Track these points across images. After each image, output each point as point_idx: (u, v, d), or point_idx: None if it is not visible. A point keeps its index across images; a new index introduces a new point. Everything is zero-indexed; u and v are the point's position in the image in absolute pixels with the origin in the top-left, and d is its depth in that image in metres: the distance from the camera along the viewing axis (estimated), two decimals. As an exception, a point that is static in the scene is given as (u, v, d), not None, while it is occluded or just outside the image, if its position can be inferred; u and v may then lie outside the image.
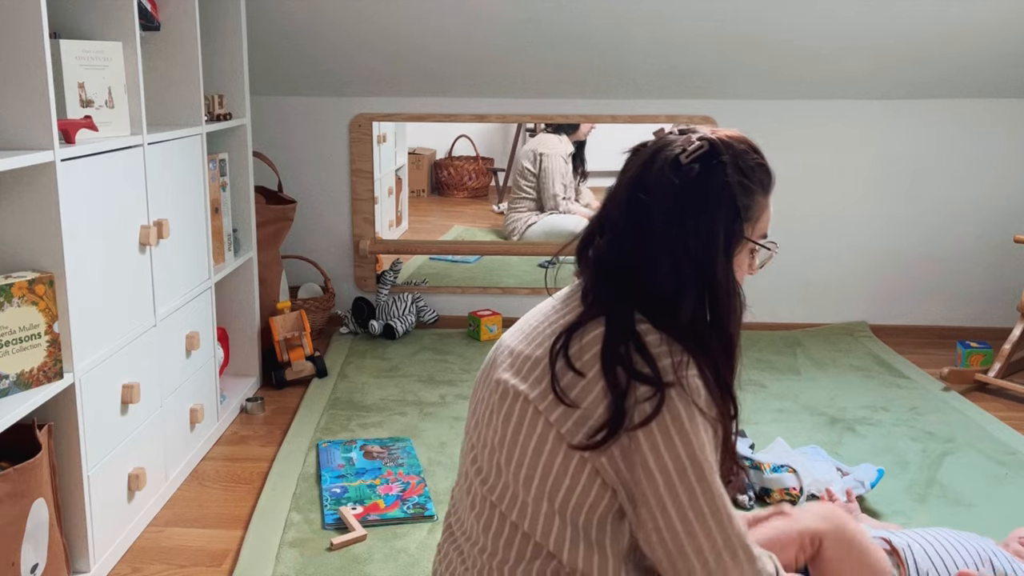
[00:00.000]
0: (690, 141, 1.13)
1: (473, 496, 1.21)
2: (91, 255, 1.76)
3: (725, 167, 1.11)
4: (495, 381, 1.19)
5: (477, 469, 1.21)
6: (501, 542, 1.16)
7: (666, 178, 1.11)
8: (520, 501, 1.13)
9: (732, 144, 1.14)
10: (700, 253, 1.10)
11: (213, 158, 2.52)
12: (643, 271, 1.11)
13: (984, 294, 3.56)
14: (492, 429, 1.17)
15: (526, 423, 1.12)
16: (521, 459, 1.12)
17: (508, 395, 1.15)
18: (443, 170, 6.31)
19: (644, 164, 1.15)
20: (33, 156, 1.54)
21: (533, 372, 1.14)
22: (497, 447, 1.16)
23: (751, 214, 1.14)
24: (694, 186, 1.11)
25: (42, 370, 1.62)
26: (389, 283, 3.46)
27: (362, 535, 1.94)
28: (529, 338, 1.19)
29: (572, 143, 4.80)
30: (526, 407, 1.12)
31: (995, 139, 3.43)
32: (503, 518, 1.16)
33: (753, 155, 1.16)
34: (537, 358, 1.14)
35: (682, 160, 1.11)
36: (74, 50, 1.81)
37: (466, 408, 2.70)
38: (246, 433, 2.56)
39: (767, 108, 3.41)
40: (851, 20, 2.96)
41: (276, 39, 3.09)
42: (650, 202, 1.11)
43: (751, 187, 1.14)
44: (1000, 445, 2.47)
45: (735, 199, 1.12)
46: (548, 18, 2.97)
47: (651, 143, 1.17)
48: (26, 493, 1.55)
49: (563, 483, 1.10)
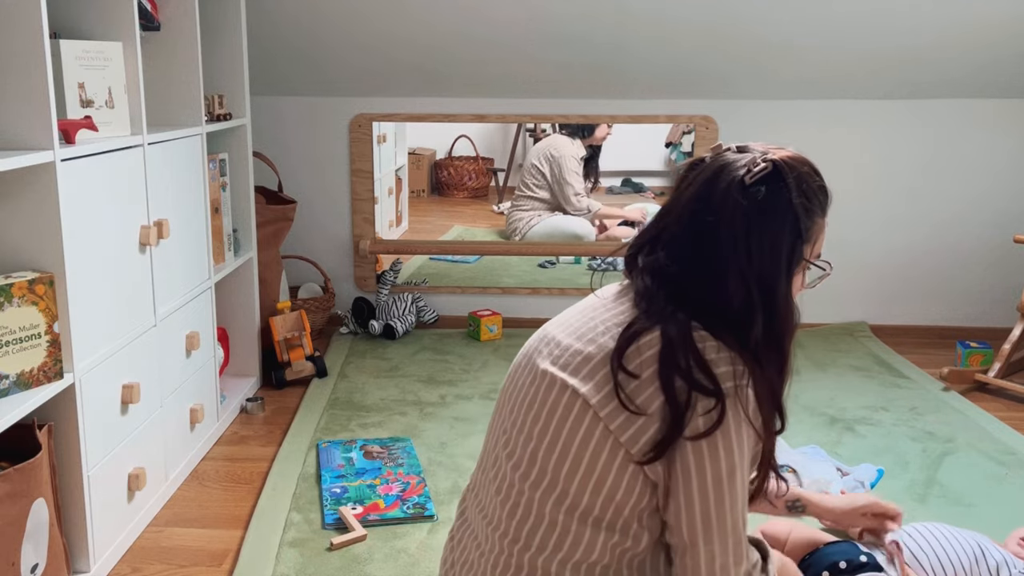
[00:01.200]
0: (755, 162, 1.15)
1: (501, 480, 1.22)
2: (91, 255, 1.76)
3: (790, 190, 1.14)
4: (540, 371, 1.20)
5: (509, 454, 1.21)
6: (525, 529, 1.17)
7: (732, 199, 1.13)
8: (559, 490, 1.15)
9: (795, 166, 1.16)
10: (764, 273, 1.13)
11: (213, 158, 2.52)
12: (708, 289, 1.14)
13: (984, 294, 3.56)
14: (533, 418, 1.18)
15: (573, 418, 1.14)
16: (565, 453, 1.14)
17: (554, 387, 1.16)
18: (443, 170, 6.31)
19: (707, 183, 1.16)
20: (33, 156, 1.54)
21: (585, 368, 1.15)
22: (537, 437, 1.17)
23: (810, 235, 1.18)
24: (760, 208, 1.13)
25: (42, 370, 1.62)
26: (389, 283, 3.46)
27: (362, 535, 1.94)
28: (578, 333, 1.20)
29: (586, 147, 4.76)
30: (582, 407, 1.13)
31: (995, 139, 3.43)
32: (530, 504, 1.17)
33: (815, 177, 1.19)
34: (589, 355, 1.15)
35: (747, 181, 1.13)
36: (74, 50, 1.81)
37: (466, 408, 2.71)
38: (246, 433, 2.56)
39: (767, 108, 3.41)
40: (851, 20, 2.96)
41: (276, 39, 3.09)
42: (716, 222, 1.13)
43: (812, 209, 1.17)
44: (1000, 445, 2.47)
45: (798, 221, 1.15)
46: (548, 18, 2.97)
47: (710, 160, 1.19)
48: (26, 493, 1.55)
49: (607, 481, 1.12)
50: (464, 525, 1.30)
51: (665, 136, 6.20)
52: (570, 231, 4.52)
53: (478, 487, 1.29)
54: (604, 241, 4.50)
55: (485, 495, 1.26)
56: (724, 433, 1.08)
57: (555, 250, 4.22)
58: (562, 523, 1.15)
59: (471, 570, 1.24)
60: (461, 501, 1.35)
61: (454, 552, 1.30)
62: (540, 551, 1.16)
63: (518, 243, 4.48)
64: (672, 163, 6.34)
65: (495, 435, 1.28)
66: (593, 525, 1.14)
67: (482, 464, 1.30)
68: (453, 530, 1.34)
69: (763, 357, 1.12)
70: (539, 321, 3.56)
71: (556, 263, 4.30)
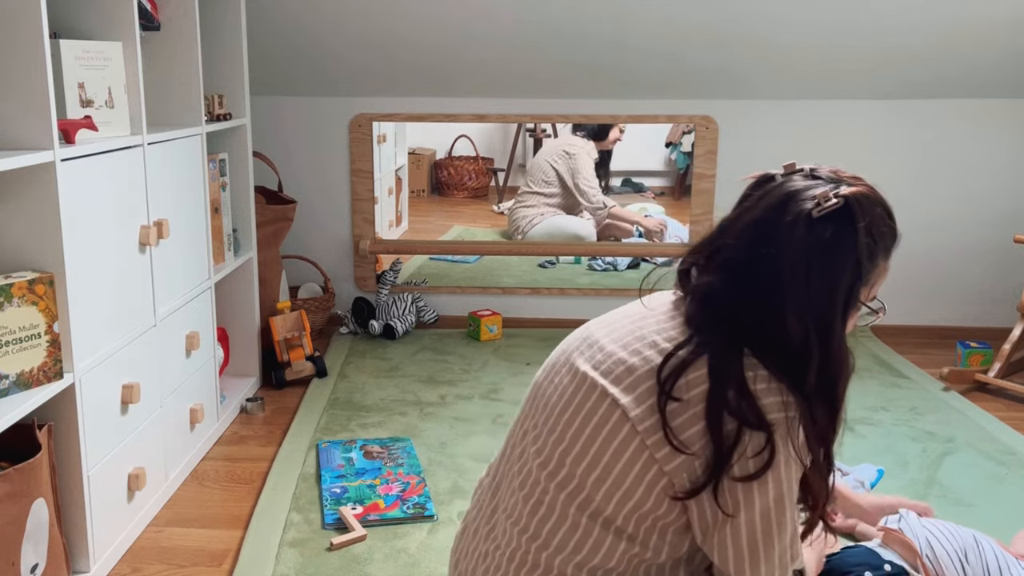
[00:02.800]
0: (826, 196, 1.08)
1: (526, 476, 1.20)
2: (91, 255, 1.76)
3: (858, 232, 1.09)
4: (580, 374, 1.17)
5: (537, 451, 1.19)
6: (547, 527, 1.16)
7: (798, 233, 1.07)
8: (585, 495, 1.13)
9: (868, 206, 1.11)
10: (820, 313, 1.08)
11: (213, 158, 2.52)
12: (763, 322, 1.09)
13: (984, 294, 3.55)
14: (567, 421, 1.16)
15: (610, 427, 1.11)
16: (596, 460, 1.12)
17: (594, 393, 1.14)
18: (443, 170, 6.31)
19: (773, 210, 1.10)
20: (33, 156, 1.54)
21: (628, 379, 1.12)
22: (569, 440, 1.15)
23: (870, 278, 1.14)
24: (825, 247, 1.08)
25: (42, 370, 1.62)
26: (389, 283, 3.46)
27: (362, 535, 1.94)
28: (623, 341, 1.16)
29: (598, 150, 4.75)
30: (620, 418, 1.11)
31: (995, 139, 3.43)
32: (554, 504, 1.16)
33: (887, 220, 1.15)
34: (632, 367, 1.12)
35: (815, 215, 1.07)
36: (74, 50, 1.81)
37: (466, 408, 2.71)
38: (246, 433, 2.56)
39: (767, 108, 3.41)
40: (851, 20, 2.96)
41: (276, 39, 3.09)
42: (776, 254, 1.08)
43: (877, 252, 1.13)
44: (1000, 445, 2.47)
45: (860, 264, 1.10)
46: (548, 18, 2.97)
47: (779, 183, 1.14)
48: (26, 493, 1.55)
49: (635, 493, 1.10)
50: (480, 515, 1.28)
51: (665, 136, 6.21)
52: (571, 231, 4.52)
53: (500, 479, 1.27)
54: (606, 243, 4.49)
55: (507, 488, 1.24)
56: (773, 468, 1.05)
57: (555, 250, 4.22)
58: (584, 526, 1.13)
59: (485, 560, 1.23)
60: (477, 489, 1.33)
61: (468, 541, 1.29)
62: (558, 551, 1.15)
63: (518, 243, 4.48)
64: (672, 163, 6.34)
65: (523, 429, 1.25)
66: (615, 533, 1.12)
67: (506, 455, 1.28)
68: (467, 519, 1.32)
69: (814, 401, 1.07)
70: (539, 321, 3.59)
71: (556, 263, 4.30)
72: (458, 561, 1.31)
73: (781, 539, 1.08)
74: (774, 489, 1.06)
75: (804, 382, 1.07)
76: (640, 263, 4.19)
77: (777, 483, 1.06)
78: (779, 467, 1.05)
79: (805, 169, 1.16)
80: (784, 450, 1.05)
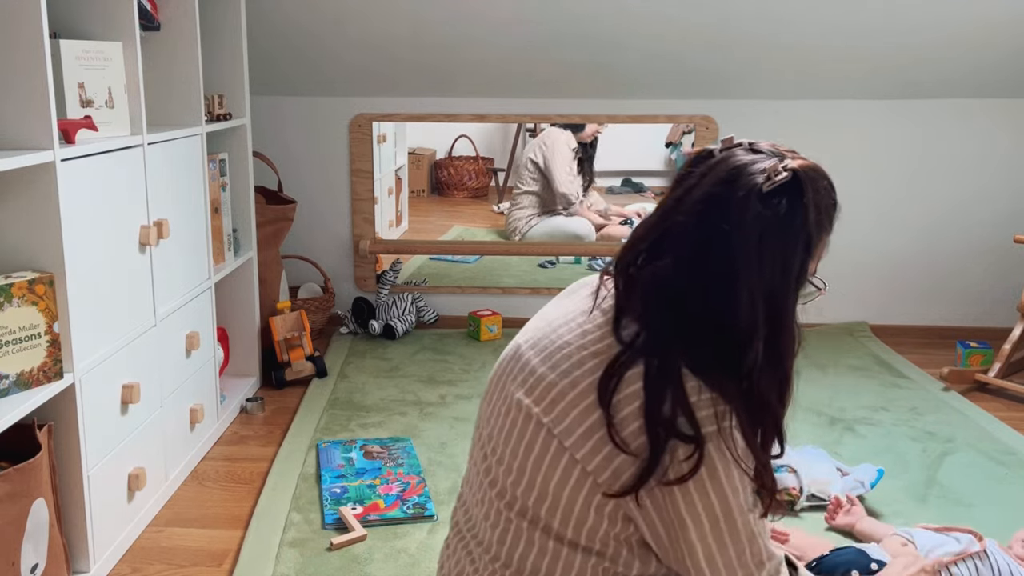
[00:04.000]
0: (776, 170, 1.05)
1: (488, 506, 1.19)
2: (91, 255, 1.76)
3: (807, 205, 1.07)
4: (514, 401, 1.15)
5: (492, 481, 1.18)
6: (516, 555, 1.14)
7: (752, 208, 1.04)
8: (543, 524, 1.11)
9: (815, 179, 1.09)
10: (774, 290, 1.05)
11: (213, 158, 2.52)
12: (713, 303, 1.05)
13: (984, 294, 3.55)
14: (511, 451, 1.14)
15: (549, 456, 1.09)
16: (544, 490, 1.10)
17: (530, 423, 1.12)
18: (443, 170, 6.31)
19: (722, 184, 1.07)
20: (33, 156, 1.54)
21: (560, 403, 1.09)
22: (517, 471, 1.13)
23: (816, 252, 1.12)
24: (778, 222, 1.05)
25: (42, 370, 1.62)
26: (389, 283, 3.46)
27: (362, 535, 1.94)
28: (549, 355, 1.14)
29: (577, 143, 4.76)
30: (557, 448, 1.09)
31: (995, 139, 3.43)
32: (519, 533, 1.14)
33: (831, 192, 1.13)
34: (552, 383, 1.11)
35: (766, 189, 1.05)
36: (74, 50, 1.81)
37: (466, 408, 2.71)
38: (246, 433, 2.56)
39: (767, 108, 3.41)
40: (851, 20, 2.96)
41: (276, 39, 3.09)
42: (730, 230, 1.04)
43: (824, 226, 1.11)
44: (1000, 445, 2.47)
45: (810, 237, 1.08)
46: (548, 18, 2.97)
47: (721, 158, 1.10)
48: (26, 493, 1.55)
49: (588, 519, 1.08)
50: (458, 537, 1.27)
51: (665, 136, 6.21)
52: (570, 231, 4.52)
53: (468, 504, 1.26)
54: (603, 241, 4.49)
55: (476, 513, 1.23)
56: (712, 476, 1.03)
57: (555, 250, 4.22)
58: (552, 549, 1.12)
59: None
60: (453, 513, 1.32)
61: (449, 561, 1.28)
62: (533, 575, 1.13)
63: (518, 243, 4.48)
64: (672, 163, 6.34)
65: (476, 456, 1.24)
66: (583, 552, 1.11)
67: (468, 481, 1.27)
68: (448, 538, 1.31)
69: (762, 381, 1.05)
70: (539, 321, 3.58)
71: (556, 263, 4.30)
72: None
73: (738, 546, 1.06)
74: (719, 501, 1.04)
75: (745, 363, 1.04)
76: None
77: (721, 494, 1.04)
78: (719, 476, 1.03)
79: (744, 143, 1.12)
80: (722, 460, 1.03)
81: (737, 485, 1.05)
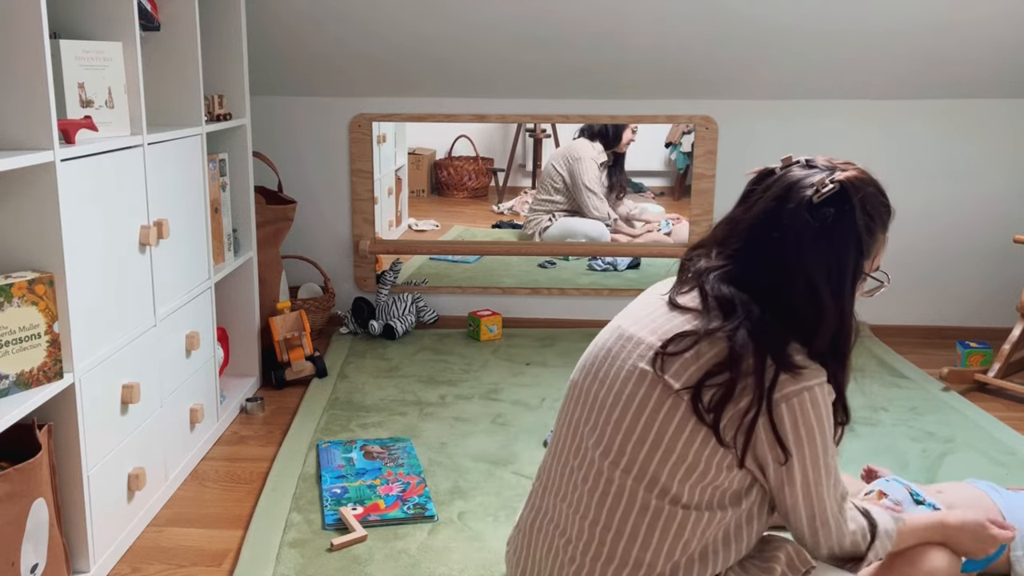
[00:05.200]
0: (823, 183, 1.23)
1: (588, 469, 1.29)
2: (91, 255, 1.76)
3: (855, 211, 1.23)
4: (637, 371, 1.27)
5: (596, 441, 1.29)
6: (617, 514, 1.25)
7: (801, 218, 1.22)
8: (649, 478, 1.24)
9: (861, 186, 1.25)
10: (831, 288, 1.23)
11: (213, 158, 2.52)
12: (778, 301, 1.23)
13: (984, 294, 3.55)
14: (622, 409, 1.27)
15: (666, 412, 1.23)
16: (657, 441, 1.23)
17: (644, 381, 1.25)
18: (443, 170, 6.31)
19: (776, 199, 1.25)
20: (33, 156, 1.54)
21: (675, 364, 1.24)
22: (627, 428, 1.25)
23: (871, 251, 1.28)
24: (827, 229, 1.22)
25: (42, 370, 1.62)
26: (389, 283, 3.46)
27: (362, 536, 1.94)
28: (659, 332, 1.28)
29: (609, 154, 4.72)
30: (676, 401, 1.22)
31: (995, 139, 3.43)
32: (621, 491, 1.25)
33: (880, 197, 1.29)
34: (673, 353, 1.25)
35: (815, 201, 1.22)
36: (74, 50, 1.81)
37: (466, 408, 2.71)
38: (246, 433, 2.56)
39: (767, 108, 3.41)
40: (851, 20, 2.96)
41: (276, 39, 3.09)
42: (781, 239, 1.23)
43: (875, 227, 1.28)
44: (1000, 445, 2.47)
45: (861, 240, 1.25)
46: (548, 18, 2.97)
47: (780, 175, 1.27)
48: (26, 493, 1.55)
49: (699, 464, 1.22)
50: (541, 515, 1.36)
51: (665, 136, 6.21)
52: (582, 233, 4.51)
53: (555, 478, 1.35)
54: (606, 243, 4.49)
55: (566, 485, 1.32)
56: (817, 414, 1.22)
57: (555, 250, 4.22)
58: (654, 506, 1.23)
59: (557, 556, 1.31)
60: (533, 494, 1.41)
61: (531, 539, 1.37)
62: (632, 538, 1.24)
63: (518, 243, 4.49)
64: (672, 163, 6.34)
65: (572, 428, 1.34)
66: (683, 508, 1.22)
67: (557, 454, 1.36)
68: (522, 522, 1.41)
69: (828, 366, 1.25)
70: (539, 321, 3.59)
71: (556, 263, 4.30)
72: (521, 559, 1.39)
73: (830, 478, 1.26)
74: (820, 438, 1.22)
75: (813, 349, 1.23)
76: (639, 263, 4.20)
77: (822, 434, 1.23)
78: (823, 420, 1.22)
79: (801, 160, 1.29)
80: (826, 406, 1.23)
81: (829, 427, 1.25)
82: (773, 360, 1.19)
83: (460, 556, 1.87)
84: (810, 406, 1.21)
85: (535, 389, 2.88)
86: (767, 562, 1.29)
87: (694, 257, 1.32)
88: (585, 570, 1.28)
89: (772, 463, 1.23)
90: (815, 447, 1.23)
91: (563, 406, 1.41)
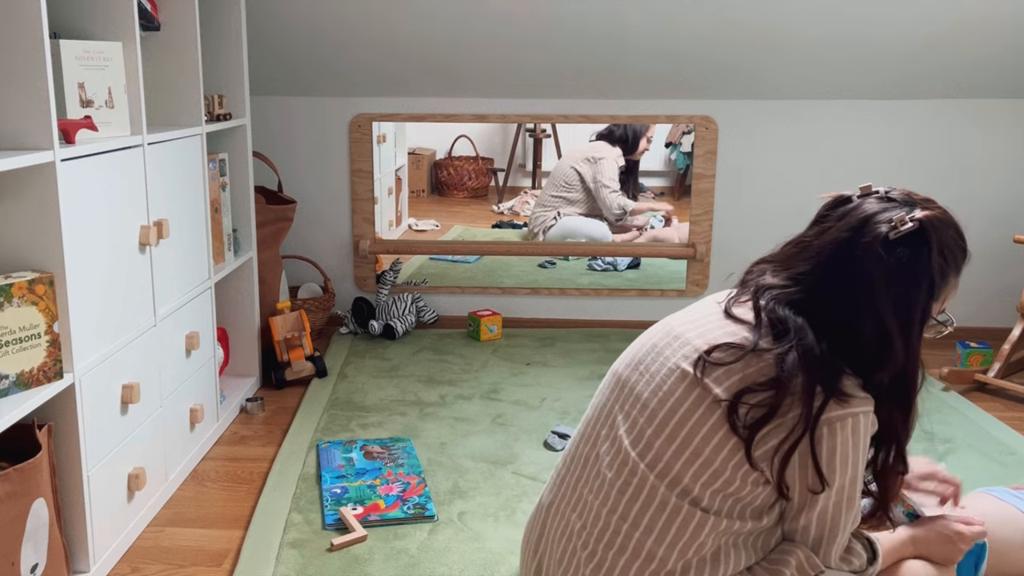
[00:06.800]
0: (902, 220, 1.20)
1: (613, 458, 1.29)
2: (91, 255, 1.76)
3: (932, 252, 1.20)
4: (679, 371, 1.26)
5: (627, 431, 1.29)
6: (636, 507, 1.25)
7: (874, 253, 1.20)
8: (672, 477, 1.23)
9: (940, 228, 1.22)
10: (897, 328, 1.20)
11: (213, 158, 2.52)
12: (844, 330, 1.21)
13: (984, 294, 3.55)
14: (661, 409, 1.25)
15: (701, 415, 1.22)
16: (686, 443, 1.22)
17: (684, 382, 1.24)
18: (443, 170, 6.31)
19: (852, 230, 1.23)
20: (33, 156, 1.54)
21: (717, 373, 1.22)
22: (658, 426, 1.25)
23: (941, 294, 1.26)
24: (901, 268, 1.20)
25: (42, 370, 1.62)
26: (389, 283, 3.46)
27: (362, 536, 1.94)
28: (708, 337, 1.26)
29: (627, 161, 4.74)
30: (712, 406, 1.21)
31: (995, 139, 3.43)
32: (642, 486, 1.25)
33: (959, 240, 1.26)
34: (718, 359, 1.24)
35: (891, 237, 1.20)
36: (74, 50, 1.81)
37: (466, 408, 2.71)
38: (246, 433, 2.56)
39: (767, 108, 3.41)
40: (851, 20, 2.95)
41: (276, 39, 3.09)
42: (854, 272, 1.21)
43: (948, 271, 1.24)
44: (1000, 445, 2.47)
45: (933, 283, 1.22)
46: (548, 18, 2.97)
47: (856, 203, 1.25)
48: (26, 493, 1.55)
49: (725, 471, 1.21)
50: (560, 497, 1.37)
51: (665, 136, 6.21)
52: (583, 233, 4.51)
53: (582, 462, 1.35)
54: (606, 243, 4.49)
55: (591, 471, 1.32)
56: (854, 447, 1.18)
57: (555, 250, 4.22)
58: (673, 504, 1.23)
59: (572, 538, 1.31)
60: (556, 476, 1.41)
61: (549, 519, 1.37)
62: (648, 532, 1.24)
63: (518, 243, 4.48)
64: (672, 163, 6.35)
65: (608, 416, 1.34)
66: (702, 510, 1.22)
67: (587, 439, 1.36)
68: (543, 502, 1.41)
69: (887, 408, 1.22)
70: (539, 321, 3.59)
71: (556, 263, 4.30)
72: (533, 540, 1.40)
73: (851, 512, 1.23)
74: (852, 468, 1.19)
75: (874, 383, 1.20)
76: (640, 263, 4.20)
77: (855, 465, 1.19)
78: (859, 449, 1.19)
79: (880, 191, 1.27)
80: (865, 436, 1.19)
81: (862, 463, 1.21)
82: (823, 388, 1.16)
83: (460, 556, 1.87)
84: (850, 433, 1.18)
85: (535, 389, 2.88)
86: (775, 564, 1.29)
87: (755, 271, 1.31)
88: (597, 557, 1.28)
89: (799, 486, 1.21)
90: (845, 478, 1.20)
91: (600, 392, 1.40)
